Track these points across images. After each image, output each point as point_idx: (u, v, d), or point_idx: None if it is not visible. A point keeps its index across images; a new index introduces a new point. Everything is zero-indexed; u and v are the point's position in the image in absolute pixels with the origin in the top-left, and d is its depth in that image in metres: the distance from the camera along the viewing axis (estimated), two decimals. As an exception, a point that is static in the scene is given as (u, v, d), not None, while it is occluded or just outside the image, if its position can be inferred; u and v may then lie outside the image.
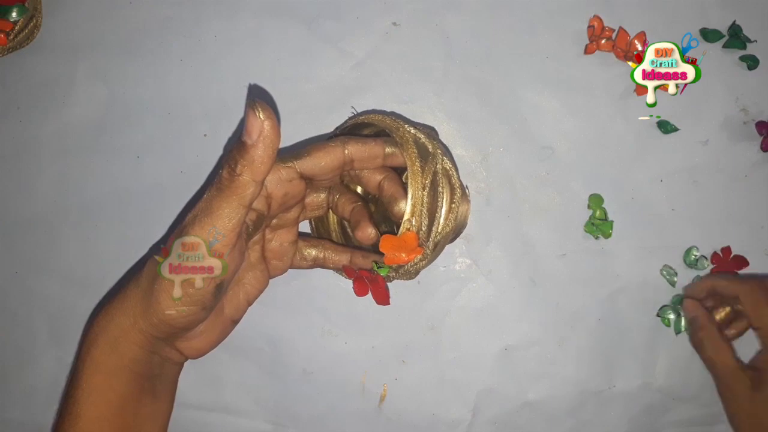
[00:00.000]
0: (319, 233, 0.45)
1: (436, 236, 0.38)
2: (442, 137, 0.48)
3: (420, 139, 0.39)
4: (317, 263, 0.42)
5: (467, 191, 0.43)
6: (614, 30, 0.47)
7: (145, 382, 0.38)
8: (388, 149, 0.39)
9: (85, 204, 0.48)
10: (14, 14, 0.47)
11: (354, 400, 0.48)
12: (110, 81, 0.48)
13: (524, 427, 0.48)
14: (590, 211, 0.48)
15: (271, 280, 0.42)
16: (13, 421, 0.49)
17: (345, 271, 0.42)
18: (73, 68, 0.48)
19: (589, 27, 0.47)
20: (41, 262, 0.48)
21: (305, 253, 0.42)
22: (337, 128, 0.45)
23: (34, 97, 0.48)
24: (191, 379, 0.48)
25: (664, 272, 0.48)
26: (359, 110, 0.48)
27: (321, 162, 0.37)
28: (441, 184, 0.38)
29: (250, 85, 0.48)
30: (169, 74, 0.48)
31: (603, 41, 0.47)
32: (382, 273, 0.39)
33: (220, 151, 0.48)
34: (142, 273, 0.37)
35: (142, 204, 0.48)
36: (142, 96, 0.48)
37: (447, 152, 0.41)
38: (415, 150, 0.38)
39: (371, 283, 0.40)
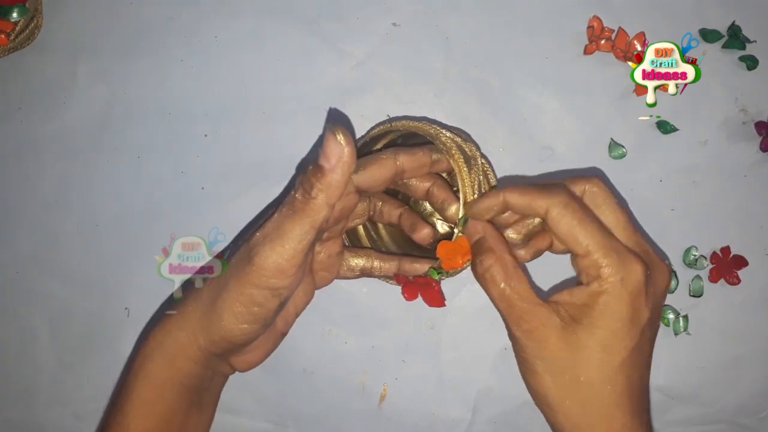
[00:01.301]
0: (351, 242, 0.45)
1: None
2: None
3: (459, 143, 0.40)
4: (364, 273, 0.43)
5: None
6: (614, 30, 0.47)
7: (194, 396, 0.38)
8: (434, 156, 0.39)
9: (86, 204, 0.48)
10: (15, 15, 0.47)
11: (354, 400, 0.48)
12: (111, 81, 0.48)
13: (524, 427, 0.48)
14: (590, 211, 0.48)
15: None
16: (14, 421, 0.49)
17: (395, 278, 0.42)
18: (74, 69, 0.48)
19: (588, 27, 0.48)
20: (42, 262, 0.49)
21: (353, 264, 0.42)
22: (365, 133, 0.45)
23: (35, 98, 0.48)
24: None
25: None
26: (363, 112, 0.48)
27: (376, 175, 0.37)
28: (483, 185, 0.39)
29: (330, 109, 0.48)
30: (170, 75, 0.48)
31: (602, 42, 0.47)
32: (434, 277, 0.39)
33: (220, 152, 0.48)
34: (203, 290, 0.37)
35: (143, 204, 0.48)
36: (142, 96, 0.48)
37: (480, 152, 0.42)
38: (461, 156, 0.39)
39: (423, 287, 0.40)
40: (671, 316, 0.47)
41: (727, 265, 0.47)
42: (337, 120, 0.48)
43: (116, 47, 0.48)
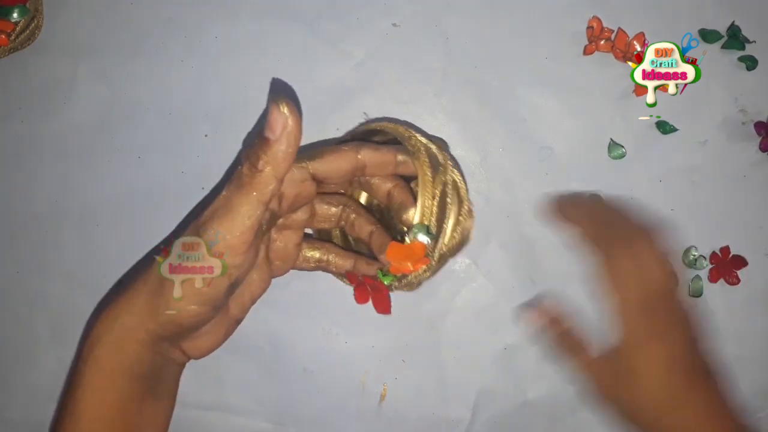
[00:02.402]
0: (320, 236, 0.45)
1: (442, 248, 0.38)
2: (442, 138, 0.48)
3: (431, 149, 0.39)
4: (320, 266, 0.42)
5: (472, 207, 0.43)
6: (613, 31, 0.48)
7: (148, 383, 0.37)
8: (400, 157, 0.39)
9: (87, 204, 0.48)
10: (15, 15, 0.47)
11: (354, 400, 0.48)
12: (111, 82, 0.48)
13: (524, 427, 0.48)
14: (589, 211, 0.48)
15: (273, 280, 0.42)
16: (14, 421, 0.49)
17: (348, 277, 0.42)
18: (75, 69, 0.48)
19: (588, 28, 0.48)
20: (43, 262, 0.49)
21: (308, 255, 0.42)
22: (347, 133, 0.46)
23: (36, 98, 0.48)
24: (191, 378, 0.48)
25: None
26: (362, 112, 0.48)
27: (333, 165, 0.37)
28: (450, 196, 0.38)
29: (273, 79, 0.47)
30: (170, 75, 0.48)
31: (602, 42, 0.47)
32: (386, 281, 0.39)
33: (221, 152, 0.48)
34: (150, 272, 0.36)
35: (143, 204, 0.48)
36: (143, 96, 0.48)
37: (457, 165, 0.41)
38: (427, 160, 0.38)
39: (373, 290, 0.40)
40: (671, 316, 0.48)
41: (726, 265, 0.47)
42: (281, 91, 0.47)
43: (116, 47, 0.48)
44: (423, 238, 0.37)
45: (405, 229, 0.39)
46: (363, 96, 0.48)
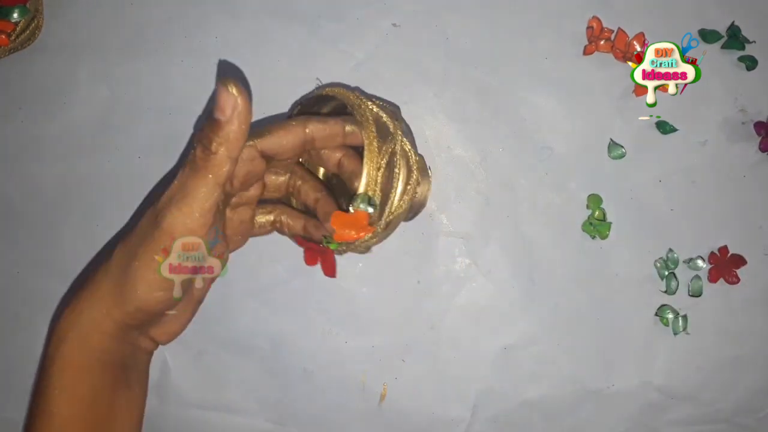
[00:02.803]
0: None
1: (388, 216, 0.38)
2: (442, 138, 0.48)
3: (382, 118, 0.39)
4: (275, 227, 0.42)
5: (429, 171, 0.43)
6: (613, 31, 0.48)
7: (118, 373, 0.37)
8: (348, 128, 0.38)
9: (87, 204, 0.48)
10: (15, 15, 0.47)
11: (354, 400, 0.49)
12: (112, 81, 0.48)
13: (523, 427, 0.48)
14: (589, 211, 0.48)
15: (271, 280, 0.42)
16: (14, 421, 0.49)
17: (296, 240, 0.42)
18: (75, 69, 0.48)
19: (587, 28, 0.48)
20: (43, 262, 0.49)
21: (262, 221, 0.42)
22: (300, 98, 0.45)
23: (36, 98, 0.48)
24: (192, 378, 0.48)
25: (658, 264, 0.48)
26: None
27: (282, 141, 0.37)
28: (398, 165, 0.38)
29: (219, 60, 0.47)
30: (170, 75, 0.48)
31: (602, 42, 0.47)
32: (332, 247, 0.39)
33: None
34: (110, 262, 0.36)
35: (144, 204, 0.48)
36: (143, 96, 0.48)
37: (409, 132, 0.41)
38: (374, 130, 0.38)
39: (320, 254, 0.40)
40: (670, 315, 0.48)
41: (725, 265, 0.48)
42: (228, 72, 0.47)
43: (117, 47, 0.48)
44: (365, 208, 0.37)
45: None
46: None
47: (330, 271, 0.40)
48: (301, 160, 0.43)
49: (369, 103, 0.39)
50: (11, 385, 0.49)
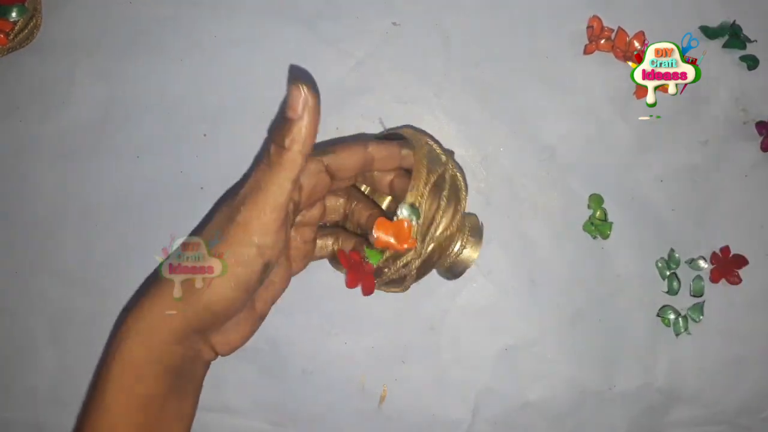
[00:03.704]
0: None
1: (430, 241, 0.39)
2: (442, 138, 0.48)
3: (435, 150, 0.41)
4: (333, 250, 0.43)
5: (482, 232, 0.43)
6: (613, 30, 0.47)
7: (174, 380, 0.38)
8: (403, 151, 0.40)
9: (85, 204, 0.48)
10: (14, 14, 0.47)
11: (354, 400, 0.48)
12: (110, 81, 0.48)
13: (524, 427, 0.48)
14: (590, 211, 0.48)
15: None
16: (13, 421, 0.49)
17: (340, 257, 0.42)
18: (73, 68, 0.48)
19: (588, 27, 0.48)
20: (41, 262, 0.48)
21: (322, 244, 0.43)
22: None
23: (34, 97, 0.48)
24: (191, 379, 0.48)
25: (659, 264, 0.48)
26: (363, 112, 0.48)
27: (345, 158, 0.39)
28: (446, 191, 0.39)
29: (291, 65, 0.48)
30: (169, 74, 0.48)
31: (602, 41, 0.47)
32: (373, 261, 0.39)
33: (219, 151, 0.48)
34: None
35: (142, 204, 0.48)
36: (141, 96, 0.48)
37: (460, 169, 0.42)
38: (425, 151, 0.40)
39: (360, 272, 0.40)
40: (671, 316, 0.47)
41: (727, 265, 0.47)
42: (298, 75, 0.48)
43: (115, 47, 0.48)
44: (409, 215, 0.37)
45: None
46: (363, 96, 0.48)
47: (368, 288, 0.41)
48: (356, 184, 0.45)
49: (426, 138, 0.42)
50: (11, 385, 0.49)
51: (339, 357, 0.48)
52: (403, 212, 0.37)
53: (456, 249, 0.41)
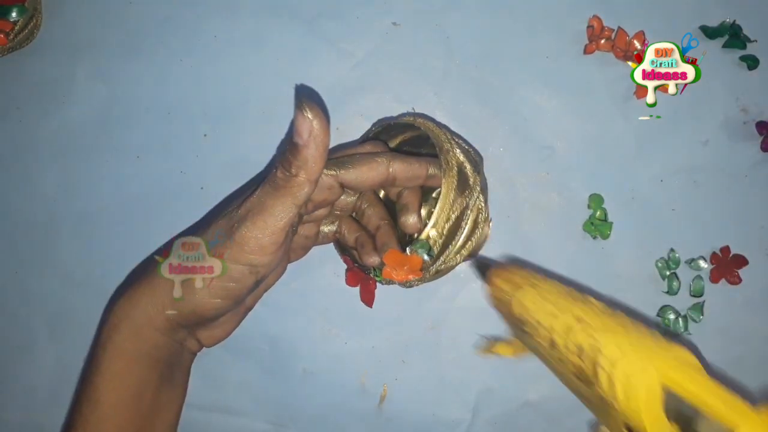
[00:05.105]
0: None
1: (440, 265, 0.39)
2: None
3: (465, 168, 0.39)
4: (335, 238, 0.43)
5: (491, 222, 0.43)
6: (613, 30, 0.47)
7: (164, 369, 0.38)
8: (431, 170, 0.39)
9: (85, 204, 0.48)
10: (14, 14, 0.47)
11: (354, 400, 0.48)
12: (110, 81, 0.48)
13: (524, 428, 0.48)
14: (590, 211, 0.48)
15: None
16: (13, 421, 0.48)
17: (344, 259, 0.42)
18: (73, 68, 0.48)
19: (588, 27, 0.47)
20: (41, 262, 0.48)
21: (326, 231, 0.42)
22: (384, 118, 0.45)
23: (34, 97, 0.48)
24: (192, 379, 0.47)
25: (659, 264, 0.48)
26: (363, 111, 0.48)
27: (364, 176, 0.37)
28: (467, 220, 0.38)
29: (297, 85, 0.47)
30: (169, 74, 0.48)
31: (602, 41, 0.47)
32: (377, 280, 0.39)
33: (220, 151, 0.48)
34: None
35: (142, 204, 0.48)
36: (141, 96, 0.48)
37: (484, 189, 0.41)
38: (455, 180, 0.38)
39: (363, 281, 0.40)
40: (671, 316, 0.47)
41: (727, 265, 0.47)
42: (305, 96, 0.48)
43: (115, 46, 0.48)
44: (422, 254, 0.37)
45: (407, 236, 0.39)
46: (363, 95, 0.48)
47: (368, 299, 0.40)
48: None
49: (457, 149, 0.39)
50: (11, 385, 0.49)
51: (339, 357, 0.48)
52: (418, 250, 0.37)
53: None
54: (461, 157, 0.39)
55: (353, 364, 0.48)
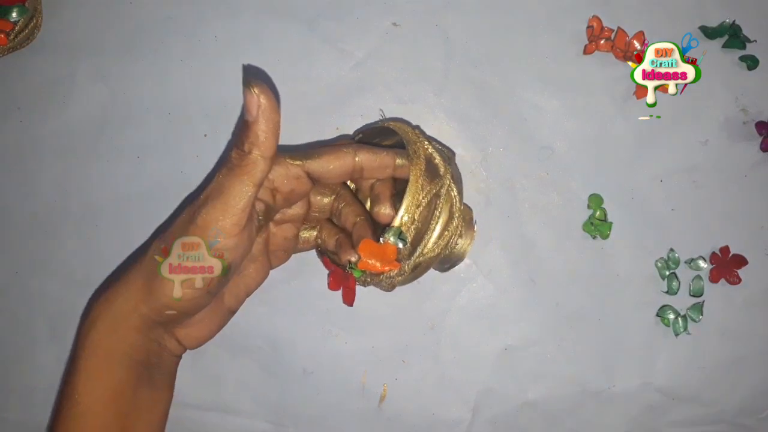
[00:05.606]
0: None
1: (418, 258, 0.38)
2: (442, 138, 0.48)
3: (434, 159, 0.39)
4: (316, 243, 0.43)
5: (475, 226, 0.43)
6: (613, 30, 0.47)
7: (143, 371, 0.38)
8: (398, 161, 0.39)
9: (86, 204, 0.48)
10: (14, 14, 0.47)
11: (354, 400, 0.48)
12: (110, 81, 0.48)
13: (524, 427, 0.48)
14: (590, 211, 0.48)
15: (271, 280, 0.42)
16: (13, 421, 0.49)
17: (324, 261, 0.42)
18: (74, 68, 0.48)
19: (588, 27, 0.47)
20: (41, 262, 0.48)
21: (305, 236, 0.42)
22: (362, 127, 0.46)
23: (35, 98, 0.48)
24: (191, 378, 0.48)
25: (659, 264, 0.48)
26: (363, 112, 0.48)
27: (330, 166, 0.37)
28: (439, 208, 0.38)
29: (244, 65, 0.47)
30: (170, 74, 0.48)
31: (602, 41, 0.47)
32: (355, 275, 0.39)
33: (220, 151, 0.48)
34: (145, 258, 0.37)
35: (143, 204, 0.48)
36: (142, 96, 0.48)
37: (459, 180, 0.41)
38: (422, 167, 0.38)
39: (344, 280, 0.40)
40: (671, 316, 0.47)
41: (726, 265, 0.47)
42: (253, 75, 0.47)
43: (116, 47, 0.48)
44: (395, 241, 0.37)
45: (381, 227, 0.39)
46: (363, 95, 0.48)
47: (349, 299, 0.40)
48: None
49: (426, 142, 0.39)
50: (11, 385, 0.49)
51: (339, 357, 0.48)
52: (390, 237, 0.37)
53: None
54: (429, 149, 0.39)
55: (353, 364, 0.48)
